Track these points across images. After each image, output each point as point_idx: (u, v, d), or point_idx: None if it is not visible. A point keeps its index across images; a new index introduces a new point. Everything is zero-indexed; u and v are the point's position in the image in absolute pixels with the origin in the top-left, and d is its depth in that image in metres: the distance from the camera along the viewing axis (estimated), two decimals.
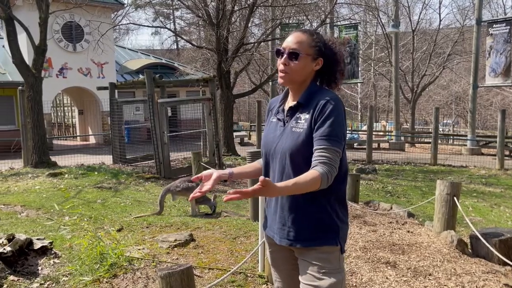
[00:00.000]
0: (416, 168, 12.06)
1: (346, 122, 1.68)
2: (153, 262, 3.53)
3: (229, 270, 3.21)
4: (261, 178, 1.38)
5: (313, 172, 1.53)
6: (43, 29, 9.52)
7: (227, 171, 1.74)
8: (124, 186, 7.53)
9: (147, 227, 4.65)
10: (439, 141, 16.48)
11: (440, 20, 27.79)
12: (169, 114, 12.71)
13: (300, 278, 1.70)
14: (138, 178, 8.26)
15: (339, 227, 1.69)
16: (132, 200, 6.36)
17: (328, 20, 14.96)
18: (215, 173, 1.65)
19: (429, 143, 15.43)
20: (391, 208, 6.34)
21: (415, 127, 24.18)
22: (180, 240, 4.03)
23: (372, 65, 26.03)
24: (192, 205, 5.49)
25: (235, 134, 15.58)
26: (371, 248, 4.03)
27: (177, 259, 3.67)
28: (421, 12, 39.11)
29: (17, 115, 14.51)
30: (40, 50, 9.57)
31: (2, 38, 17.86)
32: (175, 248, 3.89)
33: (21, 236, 3.65)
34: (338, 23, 16.68)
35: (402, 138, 18.35)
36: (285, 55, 1.69)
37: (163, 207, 5.45)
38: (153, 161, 9.49)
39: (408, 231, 4.75)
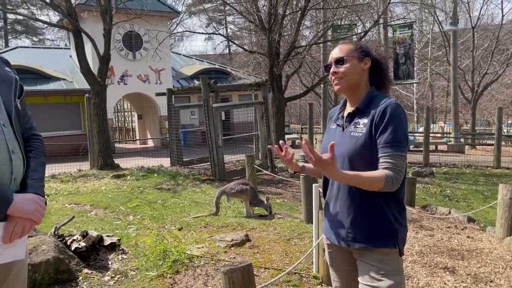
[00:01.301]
0: (477, 172, 11.52)
1: (407, 125, 1.73)
2: (212, 260, 3.71)
3: (284, 270, 3.31)
4: (332, 143, 1.51)
5: (380, 171, 1.61)
6: (107, 40, 10.15)
7: (300, 164, 1.91)
8: (182, 187, 7.86)
9: (205, 227, 4.87)
10: (503, 143, 15.58)
11: (503, 15, 26.32)
12: (223, 117, 13.06)
13: (359, 279, 1.75)
14: (194, 180, 8.58)
15: (397, 230, 1.73)
16: (190, 201, 6.64)
17: (381, 20, 14.66)
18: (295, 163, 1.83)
19: (491, 145, 14.64)
20: (450, 212, 6.16)
21: (476, 128, 22.97)
22: (237, 240, 4.19)
23: (429, 65, 25.09)
24: (247, 207, 5.65)
25: (286, 136, 15.66)
26: (428, 253, 3.98)
27: (234, 258, 3.83)
28: (481, 8, 37.11)
29: (83, 120, 15.52)
30: (104, 60, 10.21)
31: (69, 48, 19.20)
32: (232, 248, 4.06)
33: (93, 233, 3.97)
34: (392, 22, 16.28)
35: (462, 140, 17.56)
36: (332, 65, 1.81)
37: (219, 208, 5.66)
38: (208, 163, 9.81)
39: (468, 237, 4.62)
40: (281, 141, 1.83)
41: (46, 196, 1.60)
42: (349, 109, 1.85)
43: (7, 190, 1.40)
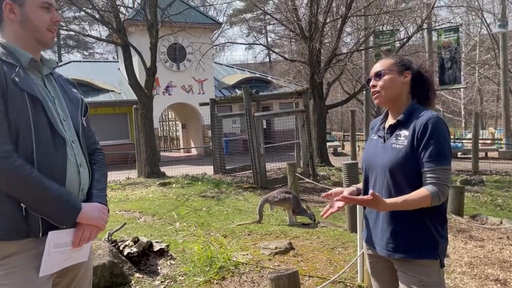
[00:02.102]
0: None
1: (449, 137, 1.76)
2: (257, 267, 3.79)
3: (329, 279, 3.34)
4: (371, 191, 1.55)
5: (424, 190, 1.64)
6: (154, 53, 10.58)
7: (353, 188, 1.94)
8: (225, 195, 8.02)
9: (249, 235, 4.96)
10: None
11: None
12: (264, 126, 13.19)
13: None
14: (237, 188, 8.73)
15: (438, 241, 1.74)
16: (233, 208, 6.77)
17: (425, 25, 14.33)
18: (345, 191, 1.85)
19: None
20: (501, 222, 5.92)
21: None
22: (281, 248, 4.25)
23: (477, 69, 24.14)
24: (290, 215, 5.69)
25: (328, 144, 15.56)
26: (478, 264, 3.87)
27: (278, 265, 3.89)
28: None
29: (131, 130, 16.16)
30: (151, 72, 10.64)
31: (117, 61, 20.09)
32: (276, 255, 4.12)
33: (144, 239, 4.17)
34: (437, 26, 15.86)
35: None
36: (372, 79, 1.86)
37: (262, 216, 5.74)
38: (250, 171, 9.94)
39: None
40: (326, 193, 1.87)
41: None
42: (390, 120, 1.88)
43: (77, 200, 1.55)
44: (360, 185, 2.02)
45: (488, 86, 27.54)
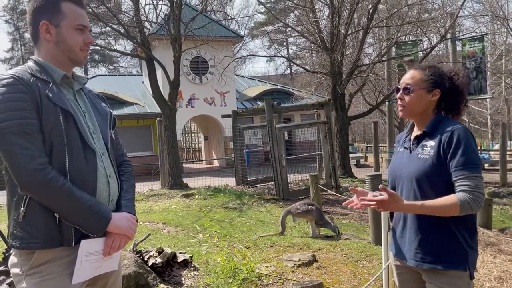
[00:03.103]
0: None
1: (476, 145, 1.74)
2: (280, 279, 3.78)
3: None
4: (381, 186, 1.58)
5: (452, 197, 1.63)
6: (177, 66, 10.77)
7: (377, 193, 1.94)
8: (247, 206, 8.03)
9: (272, 246, 4.95)
10: None
11: None
12: (286, 137, 13.19)
13: None
14: (259, 199, 8.73)
15: (467, 253, 1.72)
16: (256, 220, 6.78)
17: (449, 35, 14.15)
18: (370, 193, 1.84)
19: None
20: None
21: None
22: (304, 260, 4.22)
23: (503, 78, 23.60)
24: (313, 227, 5.66)
25: (350, 156, 15.43)
26: (508, 279, 3.76)
27: (302, 278, 3.86)
28: None
29: (155, 142, 16.41)
30: (174, 85, 10.83)
31: (141, 75, 20.52)
32: (299, 268, 4.09)
33: (168, 250, 4.21)
34: (461, 36, 15.63)
35: None
36: (400, 91, 1.85)
37: (285, 228, 5.73)
38: (272, 183, 9.93)
39: None
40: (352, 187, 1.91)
41: None
42: (416, 132, 1.88)
43: (107, 210, 1.60)
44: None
45: None
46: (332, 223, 5.68)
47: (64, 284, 1.52)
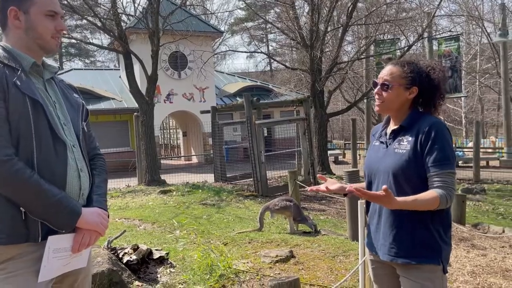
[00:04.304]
0: None
1: (452, 142, 1.75)
2: (258, 275, 3.76)
3: (330, 287, 3.31)
4: (384, 186, 1.54)
5: (432, 192, 1.64)
6: (155, 60, 10.62)
7: (348, 185, 1.92)
8: (226, 203, 7.99)
9: (249, 243, 4.92)
10: None
11: None
12: (265, 134, 13.18)
13: None
14: (238, 196, 8.70)
15: (441, 247, 1.73)
16: (234, 216, 6.74)
17: (426, 34, 14.39)
18: (338, 183, 1.85)
19: None
20: (503, 231, 5.89)
21: None
22: (281, 256, 4.21)
23: (477, 77, 24.21)
24: (291, 223, 5.66)
25: (329, 152, 15.55)
26: (481, 273, 3.83)
27: (279, 273, 3.85)
28: None
29: (132, 138, 16.17)
30: (152, 79, 10.67)
31: (119, 69, 20.17)
32: (277, 264, 4.08)
33: (143, 247, 4.14)
34: (437, 35, 15.93)
35: None
36: (378, 86, 1.84)
37: (263, 224, 5.71)
38: (251, 179, 9.91)
39: None
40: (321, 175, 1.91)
41: None
42: (392, 126, 1.88)
43: (77, 205, 1.54)
44: (354, 185, 2.01)
45: (489, 95, 27.59)
46: (309, 219, 5.69)
47: (29, 282, 1.46)
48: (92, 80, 18.17)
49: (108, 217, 1.68)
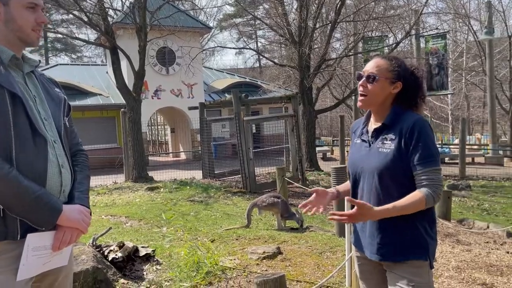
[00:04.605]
0: None
1: (434, 138, 1.76)
2: (244, 272, 3.75)
3: (317, 283, 3.31)
4: (348, 198, 1.57)
5: (417, 193, 1.64)
6: (142, 56, 10.51)
7: (333, 189, 1.93)
8: (214, 199, 7.96)
9: (237, 239, 4.91)
10: None
11: None
12: (253, 130, 13.16)
13: None
14: (226, 192, 8.68)
15: (428, 243, 1.74)
16: (222, 213, 6.72)
17: (413, 31, 14.48)
18: (327, 193, 1.89)
19: None
20: (488, 227, 5.97)
21: None
22: (268, 253, 4.21)
23: (464, 75, 24.48)
24: (278, 219, 5.66)
25: (317, 149, 15.61)
26: (465, 268, 3.88)
27: (266, 270, 3.84)
28: None
29: (119, 134, 16.01)
30: (139, 75, 10.57)
31: (105, 65, 19.94)
32: (264, 260, 4.08)
33: (129, 244, 4.09)
34: (425, 33, 16.05)
35: (501, 152, 16.94)
36: (363, 78, 1.81)
37: (251, 221, 5.70)
38: (239, 176, 9.90)
39: (508, 252, 4.47)
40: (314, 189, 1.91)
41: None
42: (374, 124, 1.85)
43: (57, 201, 1.51)
44: (341, 187, 2.01)
45: (475, 93, 27.94)
46: (297, 215, 5.70)
47: (8, 281, 1.42)
48: (78, 76, 17.93)
49: (91, 214, 1.65)
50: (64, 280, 1.64)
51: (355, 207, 1.59)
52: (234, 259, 4.10)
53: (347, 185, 2.02)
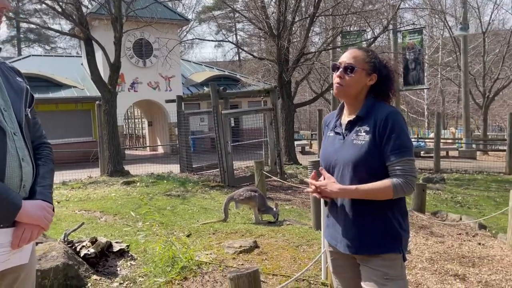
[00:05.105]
0: (489, 178, 11.38)
1: (407, 130, 1.77)
2: (220, 266, 3.71)
3: (293, 277, 3.30)
4: (321, 168, 1.59)
5: (386, 181, 1.65)
6: (118, 48, 10.28)
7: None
8: (191, 194, 7.88)
9: (214, 234, 4.87)
10: None
11: None
12: (232, 124, 13.09)
13: (362, 284, 1.76)
14: (204, 186, 8.60)
15: (401, 235, 1.74)
16: (199, 207, 6.66)
17: (391, 26, 14.63)
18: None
19: (503, 150, 14.45)
20: (461, 219, 6.09)
21: (488, 134, 22.72)
22: (245, 247, 4.18)
23: (439, 70, 24.94)
24: (255, 213, 5.64)
25: (296, 143, 15.65)
26: (438, 260, 3.94)
27: (242, 264, 3.82)
28: (492, 13, 36.73)
29: (94, 127, 15.69)
30: (115, 67, 10.34)
31: (80, 56, 19.47)
32: (240, 254, 4.05)
33: (102, 239, 4.00)
34: (402, 28, 16.24)
35: (474, 145, 17.36)
36: (340, 69, 1.79)
37: (228, 215, 5.66)
38: (217, 169, 9.83)
39: (479, 243, 4.56)
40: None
41: (56, 203, 1.63)
42: (348, 116, 1.85)
43: (17, 196, 1.43)
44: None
45: (450, 88, 28.52)
46: (274, 209, 5.68)
47: None
48: (52, 67, 17.44)
49: (54, 210, 1.57)
50: (25, 279, 1.57)
51: (322, 177, 1.64)
52: (211, 254, 4.05)
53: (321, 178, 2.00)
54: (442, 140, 14.98)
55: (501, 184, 10.30)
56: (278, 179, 9.06)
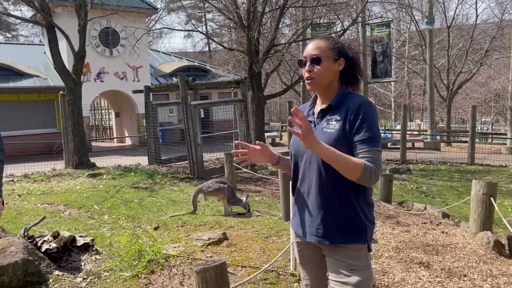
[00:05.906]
0: (452, 168, 11.76)
1: (378, 121, 1.76)
2: (188, 259, 3.65)
3: (261, 268, 3.28)
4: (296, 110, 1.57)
5: (359, 159, 1.62)
6: (82, 36, 9.92)
7: (277, 155, 1.92)
8: (160, 186, 7.75)
9: (182, 226, 4.80)
10: (477, 140, 15.95)
11: (477, 15, 27.00)
12: (202, 115, 12.93)
13: (328, 275, 1.76)
14: (173, 179, 8.48)
15: (367, 226, 1.75)
16: (168, 199, 6.55)
17: (359, 19, 14.78)
18: (269, 153, 1.91)
19: (466, 142, 14.97)
20: (425, 208, 6.25)
21: (451, 126, 23.50)
22: (214, 239, 4.14)
23: (406, 63, 25.50)
24: (225, 205, 5.60)
25: (266, 134, 15.67)
26: (404, 249, 4.02)
27: (211, 256, 3.77)
28: (456, 8, 37.78)
29: (58, 118, 15.17)
30: (79, 56, 9.98)
31: (43, 44, 18.74)
32: (209, 246, 4.00)
33: (65, 234, 3.86)
34: (370, 21, 16.45)
35: (438, 137, 17.89)
36: (308, 63, 1.77)
37: (197, 207, 5.59)
38: (187, 161, 9.70)
39: (443, 232, 4.69)
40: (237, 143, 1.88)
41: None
42: (320, 105, 1.84)
43: None
44: (284, 157, 2.01)
45: (416, 81, 29.24)
46: (244, 200, 5.66)
47: None
48: (12, 56, 16.70)
49: (3, 203, 1.48)
50: None
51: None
52: (179, 247, 3.99)
53: (289, 159, 1.98)
54: (408, 132, 15.35)
55: (463, 174, 10.66)
56: (248, 171, 9.04)
